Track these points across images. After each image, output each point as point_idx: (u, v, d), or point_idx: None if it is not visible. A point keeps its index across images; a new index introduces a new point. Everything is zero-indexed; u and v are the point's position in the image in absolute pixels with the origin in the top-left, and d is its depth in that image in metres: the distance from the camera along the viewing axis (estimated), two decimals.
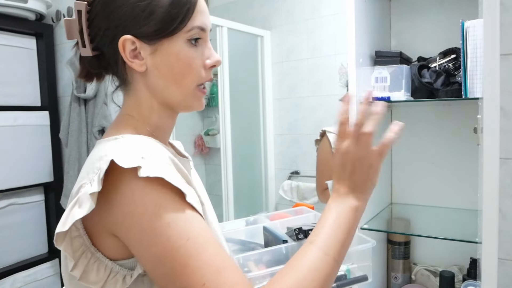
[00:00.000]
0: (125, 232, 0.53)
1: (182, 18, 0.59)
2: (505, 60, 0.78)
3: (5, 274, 1.94)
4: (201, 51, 0.63)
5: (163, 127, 0.66)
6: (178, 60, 0.60)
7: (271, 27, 1.83)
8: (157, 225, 0.51)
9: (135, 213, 0.51)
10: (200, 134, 2.19)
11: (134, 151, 0.53)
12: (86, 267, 0.55)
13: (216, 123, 2.10)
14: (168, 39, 0.60)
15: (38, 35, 2.14)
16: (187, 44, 0.61)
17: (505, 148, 0.79)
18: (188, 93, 0.63)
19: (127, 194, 0.52)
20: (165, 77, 0.61)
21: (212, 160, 2.16)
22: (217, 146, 2.04)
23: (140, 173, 0.50)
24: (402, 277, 1.28)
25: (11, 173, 1.96)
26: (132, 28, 0.59)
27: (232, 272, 0.51)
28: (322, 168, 1.54)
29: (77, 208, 0.51)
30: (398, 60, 1.16)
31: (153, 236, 0.51)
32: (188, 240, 0.51)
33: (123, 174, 0.51)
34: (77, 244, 0.54)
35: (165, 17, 0.58)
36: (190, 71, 0.62)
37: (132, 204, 0.51)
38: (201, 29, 0.61)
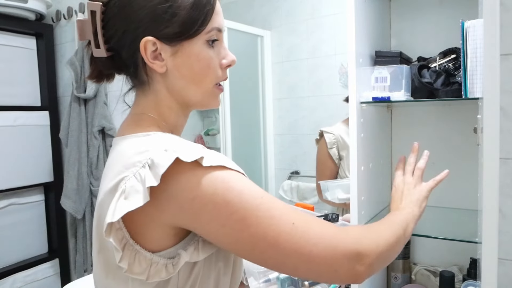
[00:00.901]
0: (194, 217, 0.54)
1: (203, 20, 0.61)
2: (505, 60, 0.78)
3: (5, 274, 1.94)
4: (217, 51, 0.65)
5: (179, 126, 0.69)
6: (198, 61, 0.62)
7: (271, 27, 1.83)
8: (231, 196, 0.53)
9: (206, 193, 0.53)
10: (200, 134, 2.19)
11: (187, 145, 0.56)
12: (130, 259, 0.56)
13: (216, 123, 2.10)
14: (189, 41, 0.61)
15: (38, 35, 2.14)
16: (206, 45, 0.63)
17: (505, 148, 0.79)
18: (207, 92, 0.66)
19: (192, 182, 0.54)
20: (185, 78, 0.63)
21: None
22: (217, 146, 2.04)
23: (205, 162, 0.53)
24: (402, 277, 1.28)
25: (11, 173, 1.96)
26: (154, 30, 0.59)
27: (333, 232, 0.57)
28: (319, 168, 1.54)
29: (123, 200, 0.53)
30: (398, 60, 1.16)
31: (230, 207, 0.53)
32: (262, 198, 0.55)
33: (183, 167, 0.53)
34: (119, 237, 0.55)
35: (187, 19, 0.60)
36: (209, 71, 0.64)
37: (200, 188, 0.53)
38: (218, 30, 0.64)
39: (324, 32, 1.67)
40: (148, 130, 0.61)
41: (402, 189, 0.85)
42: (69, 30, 2.16)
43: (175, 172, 0.53)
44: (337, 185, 1.35)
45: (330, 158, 1.46)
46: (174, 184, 0.53)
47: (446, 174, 0.88)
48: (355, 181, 1.07)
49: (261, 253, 0.54)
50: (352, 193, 1.08)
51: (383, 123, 1.30)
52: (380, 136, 1.28)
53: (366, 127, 1.13)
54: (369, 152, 1.16)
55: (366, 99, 1.10)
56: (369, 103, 1.12)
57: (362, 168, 1.11)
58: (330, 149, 1.45)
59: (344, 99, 1.52)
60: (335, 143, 1.45)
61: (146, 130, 0.61)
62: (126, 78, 0.68)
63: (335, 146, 1.45)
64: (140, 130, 0.61)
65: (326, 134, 1.46)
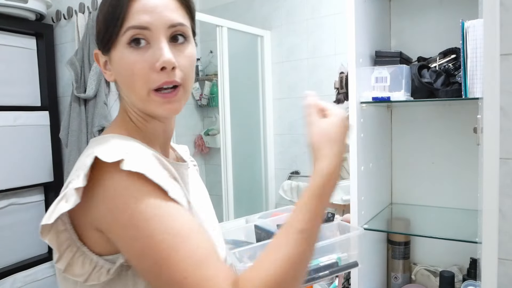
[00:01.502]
0: (109, 227, 0.54)
1: (115, 24, 0.58)
2: (505, 60, 0.78)
3: (5, 274, 1.94)
4: (150, 53, 0.58)
5: (150, 131, 0.66)
6: (121, 66, 0.60)
7: (271, 27, 1.83)
8: (139, 220, 0.51)
9: (118, 208, 0.52)
10: (200, 134, 2.19)
11: (119, 147, 0.55)
12: (71, 260, 0.56)
13: (216, 123, 2.10)
14: (113, 49, 0.60)
15: (38, 35, 2.14)
16: (129, 48, 0.58)
17: (505, 148, 0.79)
18: (143, 98, 0.60)
19: (110, 189, 0.52)
20: (122, 85, 0.63)
21: (212, 160, 2.16)
22: (217, 146, 2.04)
23: (123, 166, 0.51)
24: (402, 277, 1.28)
25: (11, 173, 1.96)
26: (97, 42, 0.63)
27: (213, 265, 0.52)
28: None
29: (64, 202, 0.52)
30: (398, 60, 1.16)
31: (135, 231, 0.52)
32: (170, 234, 0.51)
33: (106, 169, 0.52)
34: (63, 238, 0.56)
35: (101, 28, 0.60)
36: (135, 77, 0.58)
37: (115, 199, 0.52)
38: (140, 28, 0.57)
39: (324, 32, 1.67)
40: (111, 133, 0.61)
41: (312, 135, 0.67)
42: (69, 30, 2.16)
43: (99, 173, 0.53)
44: (340, 186, 1.35)
45: None
46: (97, 186, 0.53)
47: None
48: (355, 181, 1.07)
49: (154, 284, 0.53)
50: (352, 193, 1.08)
51: (383, 123, 1.30)
52: (380, 136, 1.28)
53: (366, 127, 1.13)
54: (369, 152, 1.16)
55: (366, 99, 1.10)
56: (369, 103, 1.12)
57: (362, 168, 1.11)
58: None
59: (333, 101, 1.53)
60: None
61: (110, 132, 0.62)
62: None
63: None
64: (106, 133, 0.63)
65: None
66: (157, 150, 0.65)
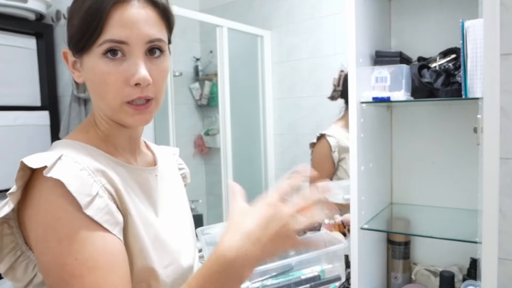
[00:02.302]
0: (29, 234, 0.55)
1: (91, 33, 0.57)
2: (505, 60, 0.79)
3: None
4: (125, 66, 0.57)
5: (116, 135, 0.66)
6: (94, 75, 0.59)
7: (271, 27, 1.83)
8: (50, 237, 0.52)
9: (36, 219, 0.53)
10: (200, 134, 2.19)
11: (54, 153, 0.55)
12: (14, 264, 0.56)
13: (216, 123, 2.10)
14: (86, 54, 0.59)
15: (38, 35, 2.13)
16: (103, 59, 0.57)
17: (505, 148, 0.79)
18: (115, 109, 0.60)
19: (34, 196, 0.54)
20: (91, 91, 0.63)
21: (212, 160, 2.16)
22: (217, 146, 2.04)
23: (45, 171, 0.52)
24: (402, 277, 1.28)
25: (11, 173, 1.95)
26: (68, 42, 0.62)
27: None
28: (317, 170, 1.54)
29: (7, 207, 0.54)
30: (398, 60, 1.16)
31: (45, 247, 0.52)
32: (75, 260, 0.51)
33: (38, 176, 0.53)
34: (7, 241, 0.56)
35: (77, 33, 0.59)
36: (107, 87, 0.58)
37: (35, 209, 0.53)
38: (118, 42, 0.56)
39: (324, 32, 1.67)
40: (67, 137, 0.63)
41: (266, 223, 0.54)
42: None
43: (32, 179, 0.54)
44: (342, 186, 1.35)
45: (331, 161, 1.47)
46: (30, 192, 0.54)
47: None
48: (355, 181, 1.07)
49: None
50: (352, 193, 1.08)
51: (383, 123, 1.30)
52: (380, 136, 1.28)
53: (366, 127, 1.13)
54: (369, 152, 1.16)
55: (366, 99, 1.10)
56: (369, 103, 1.12)
57: (362, 168, 1.11)
58: (333, 152, 1.46)
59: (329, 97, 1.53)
60: (337, 146, 1.45)
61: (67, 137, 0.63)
62: None
63: (337, 150, 1.46)
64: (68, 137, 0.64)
65: (329, 137, 1.47)
66: (124, 156, 0.66)
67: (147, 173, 0.69)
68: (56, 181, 0.51)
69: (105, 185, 0.56)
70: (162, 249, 0.64)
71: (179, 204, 0.77)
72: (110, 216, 0.55)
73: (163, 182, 0.73)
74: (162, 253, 0.64)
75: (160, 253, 0.63)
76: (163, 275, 0.62)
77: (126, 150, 0.68)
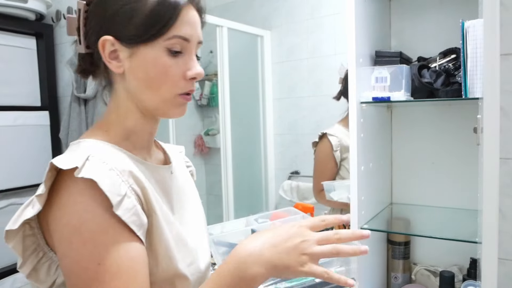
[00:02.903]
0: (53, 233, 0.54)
1: (162, 26, 0.59)
2: (505, 60, 0.78)
3: (5, 274, 1.94)
4: (182, 61, 0.62)
5: (139, 132, 0.66)
6: (154, 66, 0.61)
7: (271, 27, 1.83)
8: (74, 240, 0.51)
9: (61, 221, 0.53)
10: (200, 134, 2.19)
11: (81, 153, 0.54)
12: (37, 266, 0.56)
13: (216, 123, 2.10)
14: (145, 45, 0.60)
15: (38, 35, 2.14)
16: (166, 53, 0.61)
17: (505, 148, 0.79)
18: (166, 100, 0.63)
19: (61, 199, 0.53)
20: (140, 81, 0.62)
21: (212, 160, 2.16)
22: (217, 146, 2.04)
23: (76, 172, 0.51)
24: (402, 277, 1.28)
25: (11, 173, 1.96)
26: (114, 29, 0.60)
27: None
28: (320, 169, 1.54)
29: (30, 208, 0.53)
30: (398, 60, 1.16)
31: (69, 249, 0.52)
32: (98, 265, 0.51)
33: (65, 177, 0.53)
34: (29, 243, 0.56)
35: (144, 23, 0.59)
36: (166, 79, 0.61)
37: (61, 210, 0.53)
38: (183, 39, 0.61)
39: (324, 32, 1.67)
40: (86, 137, 0.62)
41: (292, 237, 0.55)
42: None
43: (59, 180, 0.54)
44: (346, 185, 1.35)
45: (333, 160, 1.47)
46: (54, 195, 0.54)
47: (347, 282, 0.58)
48: (355, 181, 1.07)
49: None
50: (352, 193, 1.08)
51: (383, 123, 1.30)
52: (380, 136, 1.28)
53: (366, 127, 1.13)
54: (369, 152, 1.16)
55: (366, 99, 1.10)
56: (369, 103, 1.12)
57: (362, 168, 1.11)
58: (335, 151, 1.46)
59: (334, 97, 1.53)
60: (339, 145, 1.45)
61: (86, 137, 0.62)
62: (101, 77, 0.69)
63: (339, 149, 1.46)
64: (83, 137, 0.62)
65: (331, 136, 1.47)
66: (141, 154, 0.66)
67: (164, 171, 0.69)
68: (87, 181, 0.51)
69: (132, 186, 0.56)
70: (184, 248, 0.65)
71: (192, 201, 0.77)
72: (136, 217, 0.55)
73: (177, 180, 0.73)
74: (184, 251, 0.64)
75: (182, 252, 0.64)
76: (187, 273, 0.63)
77: (144, 148, 0.68)
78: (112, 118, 0.65)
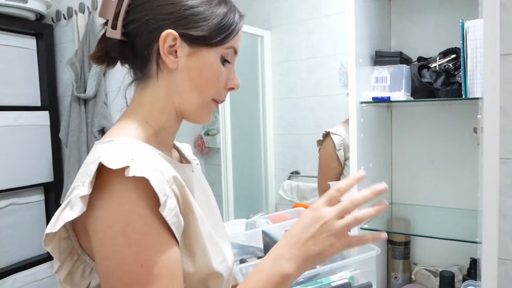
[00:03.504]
0: (93, 234, 0.53)
1: (227, 35, 0.63)
2: (505, 60, 0.78)
3: (5, 274, 1.94)
4: (226, 71, 0.66)
5: (169, 129, 0.67)
6: (210, 70, 0.63)
7: (271, 27, 1.83)
8: (118, 241, 0.51)
9: (105, 222, 0.51)
10: (200, 134, 2.19)
11: (125, 153, 0.53)
12: (72, 269, 0.55)
13: (216, 123, 2.10)
14: (208, 48, 0.62)
15: (38, 35, 2.14)
16: (220, 60, 0.64)
17: (505, 148, 0.79)
18: (204, 103, 0.65)
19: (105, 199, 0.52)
20: (192, 81, 0.63)
21: (212, 160, 2.16)
22: (217, 146, 2.04)
23: (127, 172, 0.50)
24: (402, 277, 1.28)
25: (11, 173, 1.96)
26: (179, 26, 0.61)
27: None
28: (324, 169, 1.54)
29: (69, 209, 0.52)
30: (398, 60, 1.16)
31: (111, 250, 0.51)
32: (141, 267, 0.51)
33: (111, 176, 0.52)
34: (65, 246, 0.55)
35: (215, 28, 0.62)
36: (215, 84, 0.64)
37: (105, 211, 0.51)
38: (234, 51, 0.66)
39: (324, 32, 1.66)
40: (117, 135, 0.60)
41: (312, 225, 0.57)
42: (69, 30, 2.16)
43: (103, 180, 0.52)
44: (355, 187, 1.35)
45: (336, 160, 1.46)
46: (99, 194, 0.52)
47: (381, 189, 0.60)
48: None
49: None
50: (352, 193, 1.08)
51: (383, 123, 1.30)
52: (380, 136, 1.28)
53: (366, 127, 1.13)
54: (369, 152, 1.16)
55: (366, 99, 1.10)
56: (369, 103, 1.12)
57: (362, 168, 1.11)
58: (338, 150, 1.45)
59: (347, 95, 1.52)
60: (342, 144, 1.45)
61: (117, 134, 0.60)
62: (129, 70, 0.67)
63: (342, 148, 1.46)
64: (112, 135, 0.60)
65: (334, 135, 1.47)
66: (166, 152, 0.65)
67: (188, 170, 0.68)
68: (134, 181, 0.51)
69: (172, 186, 0.55)
70: (216, 246, 0.65)
71: (210, 199, 0.78)
72: (177, 218, 0.54)
73: (198, 179, 0.74)
74: (216, 250, 0.65)
75: (215, 250, 0.64)
76: (221, 271, 0.63)
77: (168, 147, 0.68)
78: (144, 112, 0.64)
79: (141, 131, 0.62)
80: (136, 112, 0.64)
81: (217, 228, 0.71)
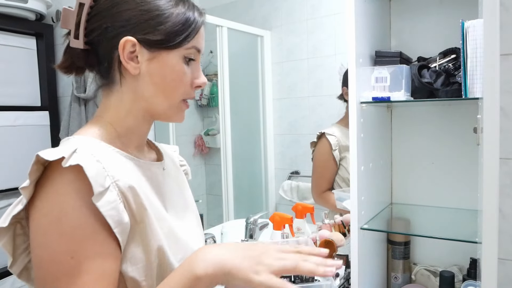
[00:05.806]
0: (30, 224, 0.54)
1: (186, 36, 0.63)
2: (505, 60, 0.79)
3: (5, 274, 1.94)
4: (192, 70, 0.67)
5: (137, 130, 0.67)
6: (172, 72, 0.63)
7: (271, 27, 1.83)
8: (52, 230, 0.51)
9: (41, 210, 0.52)
10: (200, 134, 2.19)
11: (69, 146, 0.55)
12: (28, 264, 0.56)
13: (216, 123, 2.10)
14: (168, 51, 0.62)
15: (38, 35, 2.13)
16: (183, 61, 0.64)
17: (505, 148, 0.79)
18: (173, 105, 0.66)
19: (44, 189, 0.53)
20: (156, 85, 0.63)
21: (212, 160, 2.16)
22: (217, 146, 2.04)
23: (63, 162, 0.51)
24: (402, 277, 1.28)
25: (11, 173, 1.96)
26: (138, 32, 0.61)
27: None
28: (319, 169, 1.54)
29: (20, 205, 0.53)
30: (398, 60, 1.16)
31: (44, 239, 0.52)
32: (71, 259, 0.51)
33: (53, 168, 0.53)
34: (20, 242, 0.56)
35: (171, 31, 0.62)
36: (180, 85, 0.65)
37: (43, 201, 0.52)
38: (197, 50, 0.66)
39: (324, 32, 1.67)
40: (76, 134, 0.62)
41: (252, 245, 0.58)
42: None
43: (46, 172, 0.54)
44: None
45: (332, 160, 1.46)
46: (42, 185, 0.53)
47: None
48: (355, 181, 1.07)
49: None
50: (352, 193, 1.08)
51: (383, 123, 1.30)
52: (380, 136, 1.28)
53: (366, 127, 1.13)
54: (369, 152, 1.16)
55: (366, 99, 1.10)
56: (369, 103, 1.12)
57: (362, 168, 1.11)
58: (334, 150, 1.45)
59: (337, 97, 1.53)
60: (337, 144, 1.45)
61: (76, 134, 0.62)
62: (95, 77, 0.68)
63: (337, 148, 1.46)
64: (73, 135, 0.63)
65: (329, 136, 1.47)
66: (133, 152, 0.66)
67: (155, 168, 0.69)
68: (72, 171, 0.51)
69: (117, 182, 0.56)
70: (176, 243, 0.65)
71: (185, 198, 0.78)
72: (115, 212, 0.54)
73: (169, 177, 0.74)
74: (176, 247, 0.65)
75: (174, 247, 0.64)
76: None
77: (136, 146, 0.69)
78: (109, 116, 0.66)
79: (103, 132, 0.63)
80: (103, 115, 0.66)
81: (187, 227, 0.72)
